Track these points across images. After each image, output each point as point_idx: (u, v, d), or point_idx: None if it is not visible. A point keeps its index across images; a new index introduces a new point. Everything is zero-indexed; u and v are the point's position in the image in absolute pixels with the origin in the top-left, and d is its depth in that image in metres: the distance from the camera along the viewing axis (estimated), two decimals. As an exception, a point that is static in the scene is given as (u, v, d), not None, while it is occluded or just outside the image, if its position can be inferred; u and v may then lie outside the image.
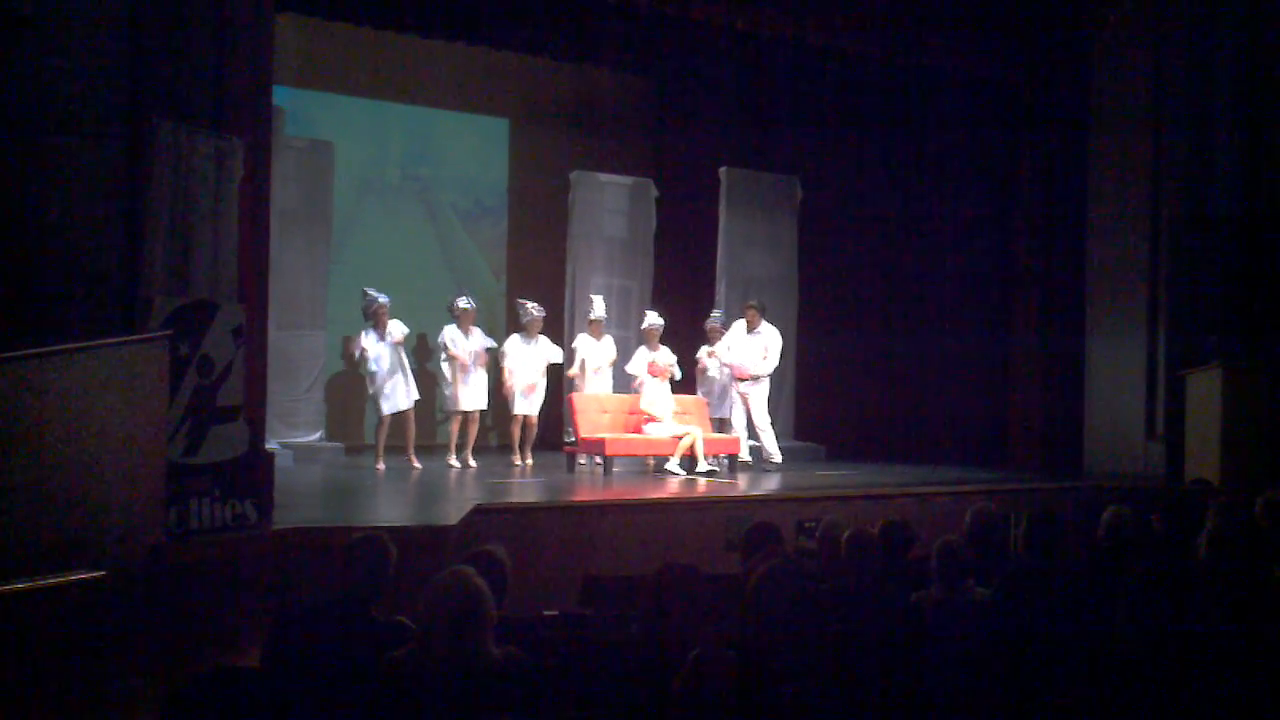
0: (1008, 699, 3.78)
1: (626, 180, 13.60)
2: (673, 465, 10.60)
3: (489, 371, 11.33)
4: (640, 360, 11.52)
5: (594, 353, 11.70)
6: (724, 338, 11.85)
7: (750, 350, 11.70)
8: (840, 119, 14.43)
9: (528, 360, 11.36)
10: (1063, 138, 12.95)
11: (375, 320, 10.73)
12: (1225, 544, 5.57)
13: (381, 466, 10.68)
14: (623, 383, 12.08)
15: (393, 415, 10.79)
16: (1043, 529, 5.86)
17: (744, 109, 14.37)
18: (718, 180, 13.43)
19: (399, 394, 10.79)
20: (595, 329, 11.75)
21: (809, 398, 13.50)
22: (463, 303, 11.15)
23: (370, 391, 10.88)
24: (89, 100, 7.04)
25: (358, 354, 10.95)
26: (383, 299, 10.77)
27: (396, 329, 10.76)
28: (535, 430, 11.60)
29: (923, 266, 14.60)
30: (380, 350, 10.70)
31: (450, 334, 11.09)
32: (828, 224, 14.39)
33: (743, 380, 11.69)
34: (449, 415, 11.26)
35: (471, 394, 11.12)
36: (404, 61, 13.70)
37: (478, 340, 11.20)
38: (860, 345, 14.45)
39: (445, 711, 3.32)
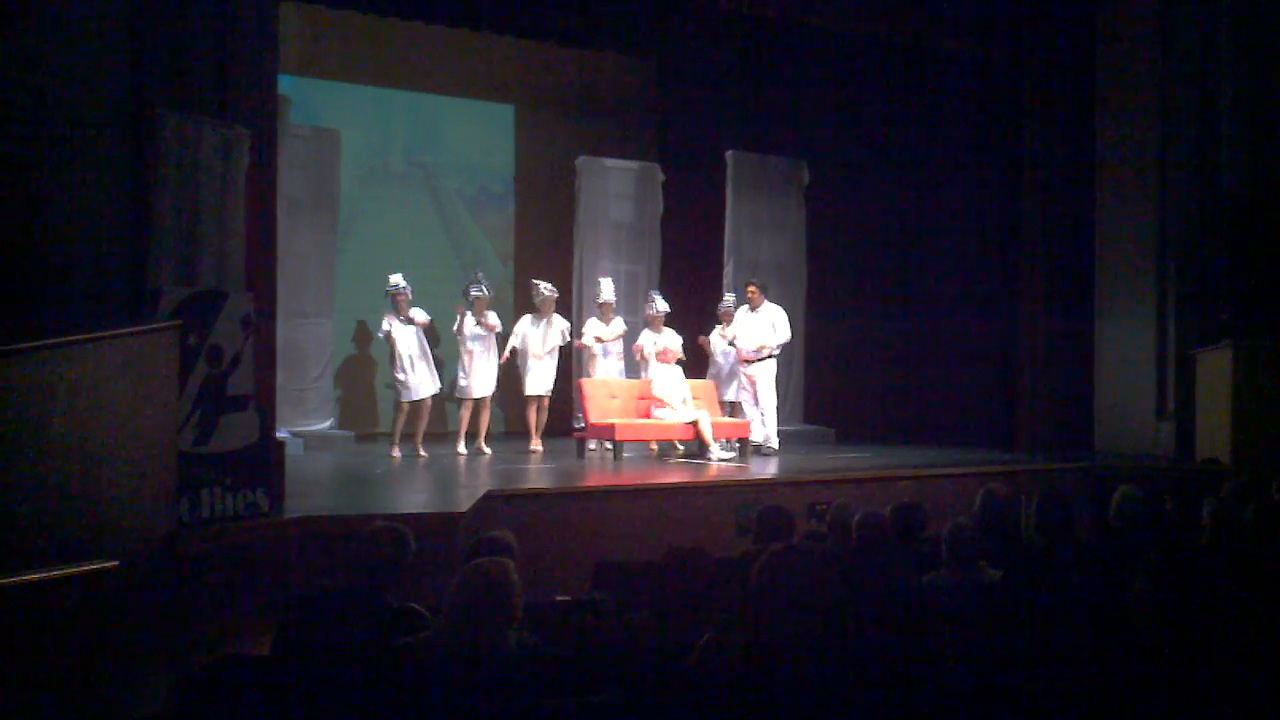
0: (1019, 680, 3.77)
1: (633, 165, 13.59)
2: (716, 452, 10.54)
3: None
4: (646, 340, 11.51)
5: (605, 335, 11.71)
6: (732, 324, 11.85)
7: (755, 329, 11.69)
8: (846, 101, 14.39)
9: (537, 339, 11.40)
10: (1070, 118, 12.89)
11: (396, 307, 10.76)
12: (1229, 522, 5.57)
13: (397, 454, 10.70)
14: (633, 366, 12.10)
15: (411, 403, 10.82)
16: (1053, 510, 5.86)
17: (750, 92, 14.33)
18: (724, 164, 13.42)
19: (423, 382, 10.83)
20: (605, 311, 11.75)
21: (818, 380, 13.50)
22: (475, 291, 11.19)
23: (400, 378, 10.84)
24: (93, 92, 7.04)
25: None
26: (403, 285, 10.80)
27: (419, 315, 10.87)
28: (546, 413, 11.63)
29: (930, 248, 14.58)
30: (406, 337, 10.73)
31: (469, 320, 11.16)
32: (835, 207, 14.35)
33: (748, 363, 11.68)
34: (460, 402, 11.26)
35: (482, 380, 11.15)
36: (408, 48, 13.69)
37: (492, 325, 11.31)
38: (869, 327, 14.44)
39: (456, 696, 3.33)
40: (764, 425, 11.62)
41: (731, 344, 11.84)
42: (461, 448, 11.05)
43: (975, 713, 3.57)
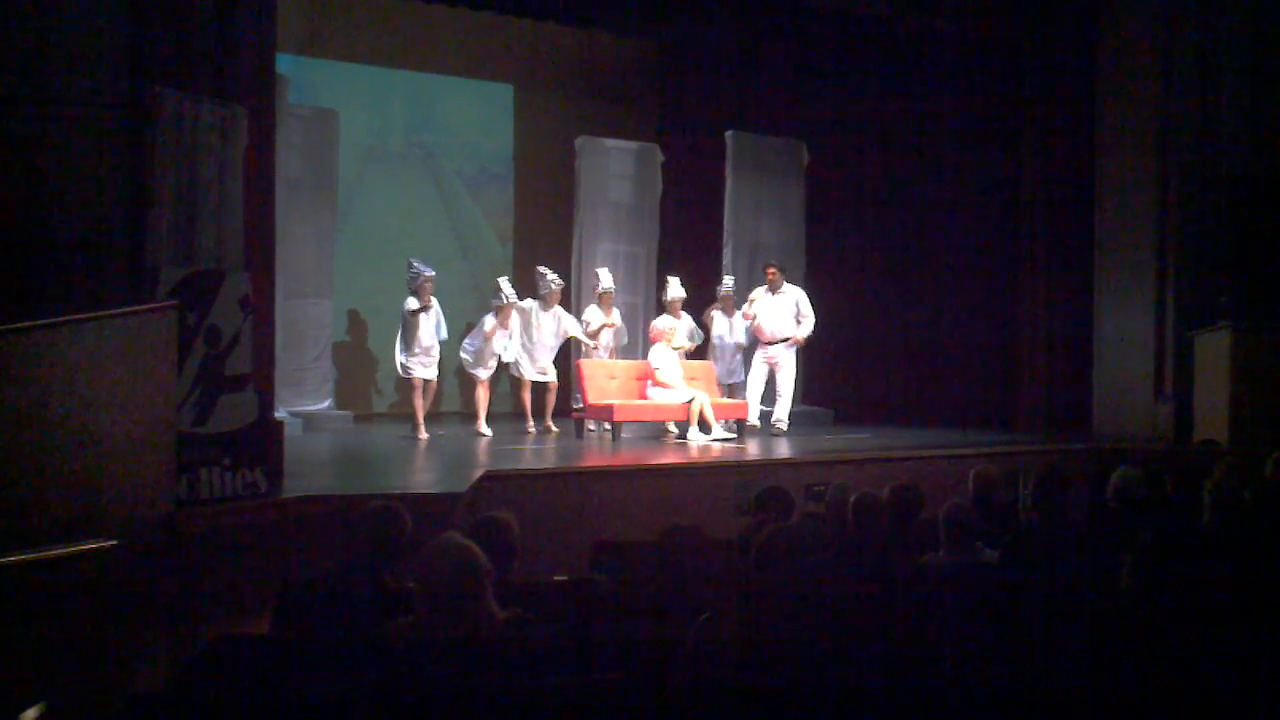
0: (1016, 661, 3.79)
1: (632, 145, 13.56)
2: (694, 435, 10.54)
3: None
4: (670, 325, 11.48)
5: (601, 323, 11.71)
6: (749, 304, 11.80)
7: (779, 311, 11.67)
8: (847, 82, 14.35)
9: (548, 328, 11.41)
10: (1070, 99, 12.87)
11: (419, 292, 10.73)
12: (1229, 502, 5.58)
13: (424, 435, 10.69)
14: (623, 348, 12.12)
15: (425, 381, 10.82)
16: (1051, 491, 5.87)
17: (749, 73, 14.29)
18: (724, 144, 13.39)
19: (432, 365, 10.84)
20: (605, 301, 11.73)
21: (817, 362, 13.49)
22: (496, 300, 11.20)
23: (414, 357, 10.80)
24: (92, 70, 7.01)
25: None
26: (428, 271, 10.77)
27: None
28: (554, 395, 11.69)
29: (930, 229, 14.57)
30: (426, 320, 10.72)
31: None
32: (835, 188, 14.34)
33: (772, 344, 11.66)
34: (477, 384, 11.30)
35: (492, 362, 11.23)
36: (407, 28, 13.65)
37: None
38: (868, 309, 14.46)
39: (452, 675, 3.34)
40: (772, 405, 11.63)
41: (749, 319, 11.81)
42: (483, 427, 11.06)
43: (973, 693, 3.58)
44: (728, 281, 12.32)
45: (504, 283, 11.34)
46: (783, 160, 13.83)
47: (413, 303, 10.65)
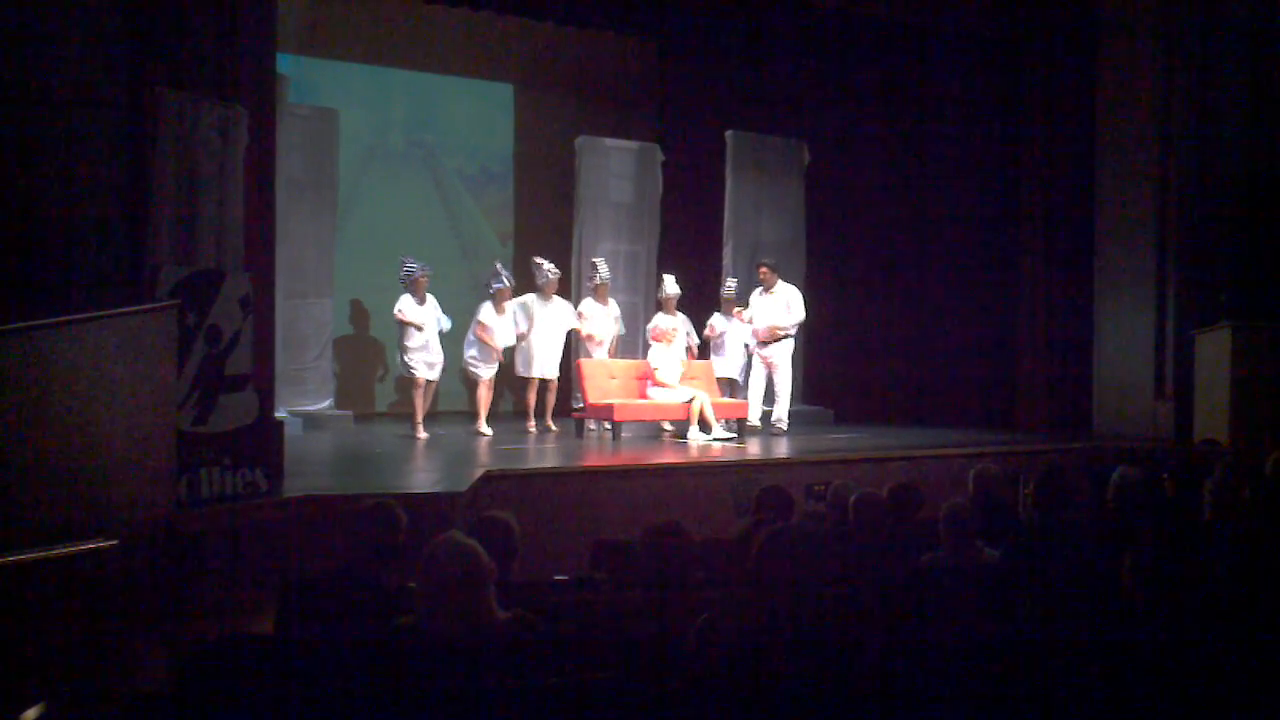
0: (1016, 660, 3.78)
1: (632, 145, 13.54)
2: (694, 435, 10.54)
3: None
4: (664, 321, 11.47)
5: (600, 317, 11.69)
6: (742, 309, 11.80)
7: (771, 310, 11.67)
8: (847, 81, 14.34)
9: (547, 321, 11.39)
10: (1070, 99, 12.87)
11: (414, 289, 10.73)
12: (1230, 501, 5.59)
13: (423, 434, 10.67)
14: (623, 347, 12.10)
15: (428, 381, 10.82)
16: (1051, 490, 5.87)
17: (750, 72, 14.27)
18: (724, 144, 13.38)
19: (436, 364, 10.84)
20: (601, 293, 11.73)
21: (817, 361, 13.49)
22: (496, 284, 11.18)
23: (416, 358, 10.79)
24: (93, 70, 7.01)
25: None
26: (423, 266, 10.77)
27: (444, 322, 10.96)
28: (554, 395, 11.65)
29: (930, 229, 14.55)
30: (424, 318, 10.71)
31: (487, 311, 11.16)
32: (835, 187, 14.32)
33: (765, 344, 11.65)
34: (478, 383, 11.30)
35: (493, 361, 11.22)
36: (408, 27, 13.64)
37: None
38: (868, 308, 14.43)
39: (454, 674, 3.34)
40: (771, 405, 11.62)
41: (748, 322, 11.80)
42: (484, 427, 11.03)
43: (974, 692, 3.58)
44: (730, 283, 12.31)
45: (500, 266, 11.36)
46: (783, 160, 13.82)
47: (406, 307, 10.64)
